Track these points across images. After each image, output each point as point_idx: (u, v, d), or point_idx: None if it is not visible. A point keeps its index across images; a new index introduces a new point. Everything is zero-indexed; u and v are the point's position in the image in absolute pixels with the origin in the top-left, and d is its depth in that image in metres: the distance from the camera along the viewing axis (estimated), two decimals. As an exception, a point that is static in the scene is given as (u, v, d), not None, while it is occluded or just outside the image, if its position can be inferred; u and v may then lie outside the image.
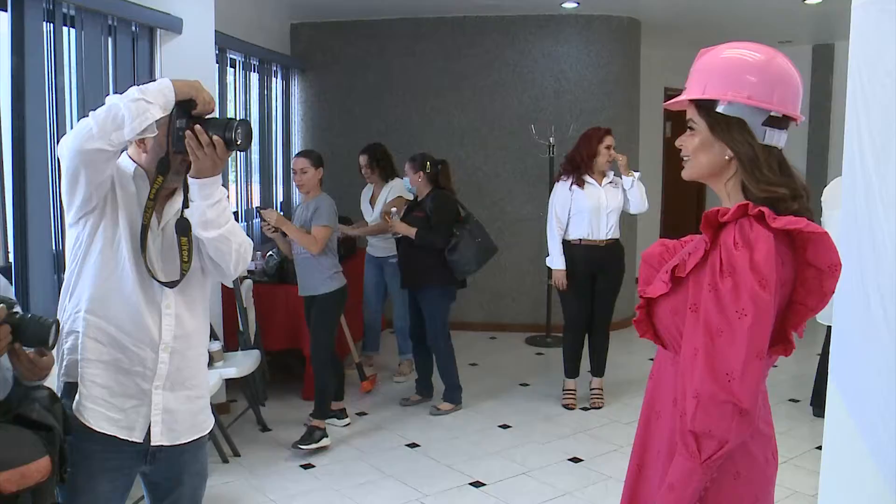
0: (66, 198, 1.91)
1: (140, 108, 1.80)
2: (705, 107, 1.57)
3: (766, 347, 1.42)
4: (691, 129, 1.62)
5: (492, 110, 6.82)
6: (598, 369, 4.99)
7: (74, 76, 3.60)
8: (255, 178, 6.18)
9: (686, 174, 1.66)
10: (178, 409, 2.00)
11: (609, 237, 4.75)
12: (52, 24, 3.39)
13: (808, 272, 1.47)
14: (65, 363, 1.94)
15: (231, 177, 5.83)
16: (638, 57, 7.03)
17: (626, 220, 5.17)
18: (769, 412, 1.65)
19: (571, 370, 4.99)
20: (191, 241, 1.95)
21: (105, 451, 1.93)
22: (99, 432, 1.91)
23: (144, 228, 1.91)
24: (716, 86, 1.56)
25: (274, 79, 6.51)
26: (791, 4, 6.23)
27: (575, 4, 6.36)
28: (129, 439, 1.94)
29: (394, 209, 4.84)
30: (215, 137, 1.87)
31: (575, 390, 5.00)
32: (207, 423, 2.11)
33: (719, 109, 1.55)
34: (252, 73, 6.05)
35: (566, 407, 4.94)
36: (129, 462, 1.99)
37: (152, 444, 1.97)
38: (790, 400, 5.07)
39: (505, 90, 6.79)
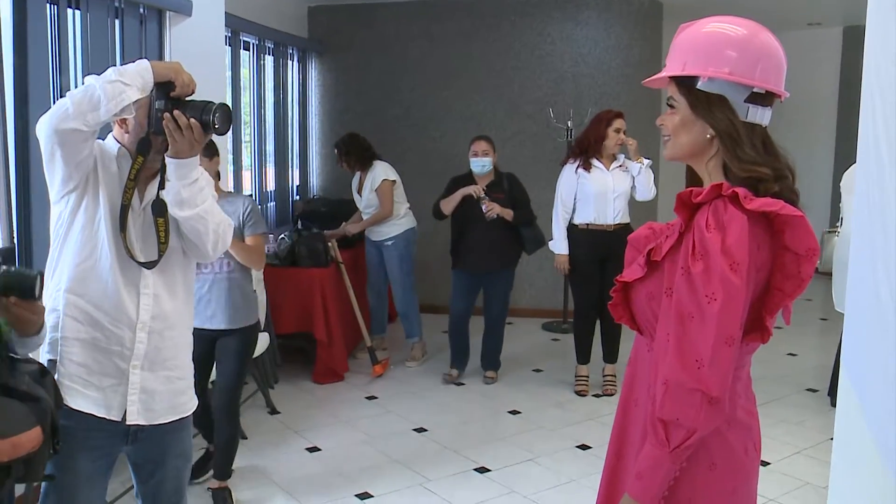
0: (47, 176, 1.92)
1: (116, 89, 1.80)
2: (686, 84, 1.51)
3: (738, 333, 1.36)
4: (672, 107, 1.56)
5: (509, 94, 6.74)
6: (610, 356, 4.93)
7: (80, 60, 3.58)
8: (270, 162, 6.19)
9: (667, 154, 1.61)
10: (156, 390, 2.00)
11: (617, 222, 4.68)
12: (55, 7, 3.38)
13: (785, 256, 1.41)
14: (48, 340, 1.95)
15: (246, 162, 5.84)
16: (660, 40, 6.89)
17: (647, 204, 5.08)
18: (753, 402, 1.59)
19: (582, 356, 4.94)
20: (167, 221, 1.95)
21: (86, 429, 1.94)
22: (78, 411, 1.91)
23: (124, 208, 1.92)
24: (696, 61, 1.50)
25: (290, 62, 6.50)
26: (818, -16, 6.07)
27: (594, -14, 6.25)
28: (107, 417, 1.95)
29: (483, 196, 4.78)
30: (192, 120, 1.87)
31: (587, 377, 4.95)
32: (189, 405, 2.11)
33: (700, 86, 1.49)
34: (267, 56, 6.04)
35: (578, 394, 4.89)
36: (110, 441, 1.99)
37: (128, 422, 1.97)
38: (808, 390, 4.96)
39: (523, 74, 6.70)
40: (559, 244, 4.76)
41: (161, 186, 1.94)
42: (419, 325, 5.55)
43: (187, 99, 1.92)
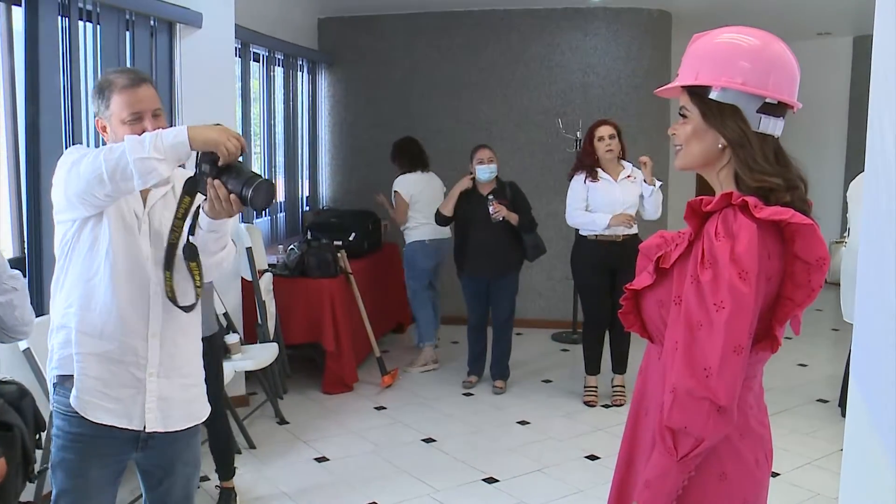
0: (59, 205, 1.92)
1: (147, 167, 1.76)
2: (698, 94, 1.52)
3: (747, 342, 1.36)
4: (684, 116, 1.56)
5: (519, 104, 6.75)
6: (619, 366, 4.92)
7: (91, 73, 3.60)
8: (280, 173, 6.20)
9: (678, 164, 1.61)
10: (173, 397, 2.02)
11: (626, 233, 4.66)
12: (67, 19, 3.40)
13: (795, 265, 1.40)
14: (57, 357, 1.98)
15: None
16: (669, 50, 6.89)
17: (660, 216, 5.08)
18: (764, 412, 1.58)
19: (592, 367, 4.93)
20: (200, 265, 1.95)
21: (98, 437, 1.96)
22: (94, 422, 1.93)
23: (171, 247, 1.93)
24: (709, 72, 1.50)
25: (300, 73, 6.53)
26: (828, -7, 6.06)
27: (603, -4, 6.26)
28: (129, 427, 1.96)
29: (490, 197, 4.90)
30: (232, 196, 1.83)
31: (596, 387, 4.93)
32: (203, 412, 2.13)
33: (712, 96, 1.49)
34: (277, 67, 6.07)
35: (587, 404, 4.87)
36: (121, 448, 2.01)
37: (147, 430, 1.98)
38: (819, 400, 4.93)
39: (532, 84, 6.72)
40: (600, 221, 4.64)
41: (191, 232, 1.93)
42: (426, 331, 5.64)
43: (238, 161, 1.85)
